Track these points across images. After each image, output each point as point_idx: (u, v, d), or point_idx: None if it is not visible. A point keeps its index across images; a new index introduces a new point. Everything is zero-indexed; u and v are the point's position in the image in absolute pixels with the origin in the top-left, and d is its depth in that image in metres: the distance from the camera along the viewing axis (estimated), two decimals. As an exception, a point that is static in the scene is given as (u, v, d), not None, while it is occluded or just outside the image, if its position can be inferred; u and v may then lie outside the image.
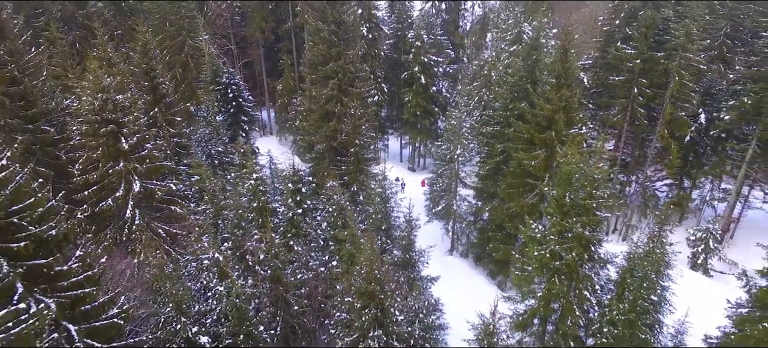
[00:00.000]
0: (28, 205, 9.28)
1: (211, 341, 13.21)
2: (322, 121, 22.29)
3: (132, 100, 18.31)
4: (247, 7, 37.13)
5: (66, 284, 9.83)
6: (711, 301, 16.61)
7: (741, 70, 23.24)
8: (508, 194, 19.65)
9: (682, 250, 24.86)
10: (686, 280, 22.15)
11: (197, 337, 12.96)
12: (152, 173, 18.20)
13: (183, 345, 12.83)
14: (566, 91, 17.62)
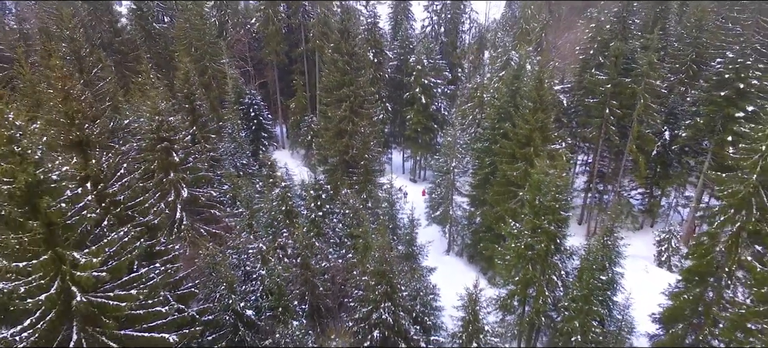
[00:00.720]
0: (139, 202, 13.01)
1: (255, 314, 16.85)
2: (336, 138, 26.12)
3: (180, 121, 22.14)
4: (263, 32, 41.25)
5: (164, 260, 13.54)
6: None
7: (696, 94, 27.06)
8: (495, 200, 23.35)
9: (651, 250, 28.64)
10: (652, 275, 25.92)
11: (244, 310, 16.60)
12: (196, 182, 21.95)
13: (233, 317, 16.46)
14: (541, 114, 21.40)
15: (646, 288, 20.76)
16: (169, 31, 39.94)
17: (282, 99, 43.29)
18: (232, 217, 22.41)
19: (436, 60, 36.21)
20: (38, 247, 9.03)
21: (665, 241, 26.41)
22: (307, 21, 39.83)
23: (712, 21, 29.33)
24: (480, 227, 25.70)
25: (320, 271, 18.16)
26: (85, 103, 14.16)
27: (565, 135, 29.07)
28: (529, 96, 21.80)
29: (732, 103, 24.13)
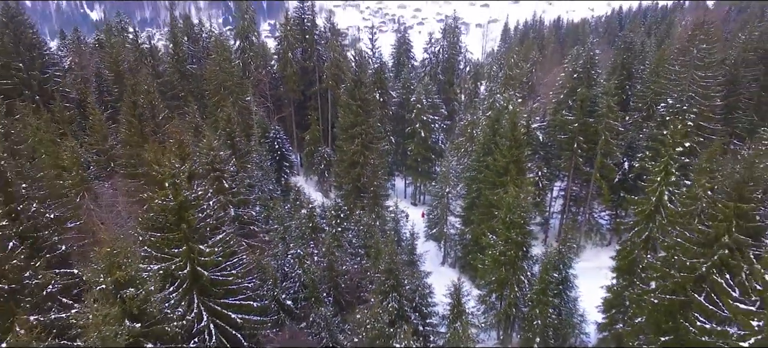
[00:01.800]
0: (206, 214, 18.77)
1: (293, 303, 22.39)
2: (350, 168, 32.01)
3: (228, 155, 28.04)
4: (282, 73, 47.62)
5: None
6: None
7: (647, 131, 33.01)
8: (480, 219, 29.03)
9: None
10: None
11: (285, 300, 22.17)
12: (240, 204, 27.71)
13: (276, 305, 21.99)
14: (516, 150, 27.27)
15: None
16: (200, 71, 46.38)
17: (297, 131, 49.40)
18: (266, 232, 28.10)
19: (434, 99, 42.36)
20: (179, 242, 14.75)
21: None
22: (320, 64, 46.26)
23: (664, 69, 35.51)
24: (469, 242, 31.32)
25: (342, 272, 23.77)
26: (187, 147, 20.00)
27: (542, 165, 34.97)
28: (506, 135, 27.75)
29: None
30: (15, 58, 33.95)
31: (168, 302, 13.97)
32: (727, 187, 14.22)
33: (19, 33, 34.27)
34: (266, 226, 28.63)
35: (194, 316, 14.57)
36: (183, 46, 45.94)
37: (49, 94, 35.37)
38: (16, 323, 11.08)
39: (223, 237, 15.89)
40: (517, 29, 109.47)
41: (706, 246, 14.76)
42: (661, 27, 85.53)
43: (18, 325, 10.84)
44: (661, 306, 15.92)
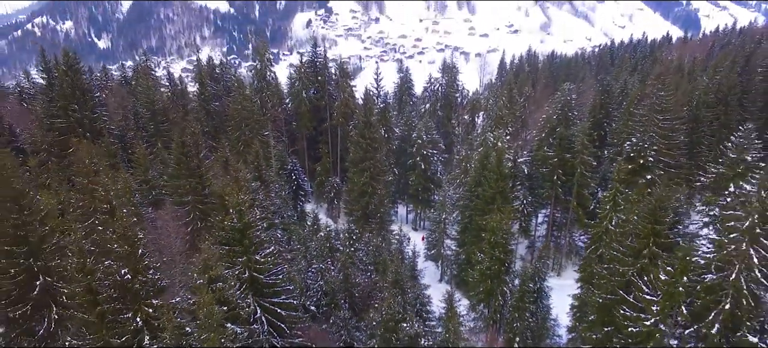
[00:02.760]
0: (260, 233, 24.20)
1: (316, 309, 27.56)
2: (360, 197, 37.54)
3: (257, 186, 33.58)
4: (296, 111, 53.59)
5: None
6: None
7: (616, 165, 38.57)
8: (472, 241, 34.38)
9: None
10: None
11: (309, 305, 27.38)
12: (268, 227, 33.11)
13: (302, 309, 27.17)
14: (501, 183, 32.85)
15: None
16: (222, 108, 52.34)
17: (309, 163, 55.06)
18: (288, 251, 33.43)
19: (433, 135, 48.14)
20: (242, 254, 20.13)
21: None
22: (331, 102, 52.27)
23: (630, 112, 41.35)
24: (463, 261, 36.57)
25: (355, 284, 29.01)
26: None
27: (528, 194, 40.51)
28: (493, 169, 33.37)
29: (635, 173, 35.59)
30: (72, 101, 39.80)
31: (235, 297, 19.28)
32: (646, 214, 19.69)
33: (75, 79, 40.23)
34: (288, 247, 33.96)
35: (251, 309, 19.88)
36: (208, 86, 52.03)
37: (97, 131, 41.13)
38: (144, 308, 16.43)
39: (272, 250, 21.31)
40: (513, 63, 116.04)
41: (633, 257, 20.11)
42: (647, 63, 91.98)
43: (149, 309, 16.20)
44: (604, 305, 21.17)
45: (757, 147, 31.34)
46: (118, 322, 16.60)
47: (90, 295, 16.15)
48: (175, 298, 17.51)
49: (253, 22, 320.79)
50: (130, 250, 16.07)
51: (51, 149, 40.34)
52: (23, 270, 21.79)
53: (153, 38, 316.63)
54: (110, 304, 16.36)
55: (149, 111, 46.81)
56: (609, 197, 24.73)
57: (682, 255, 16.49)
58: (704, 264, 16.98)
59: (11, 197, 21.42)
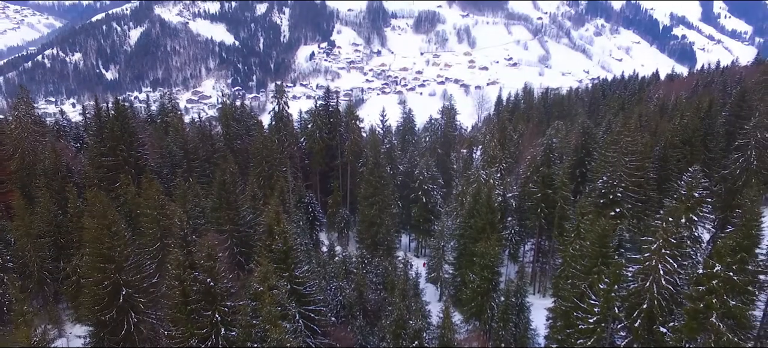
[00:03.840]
0: (298, 253, 30.67)
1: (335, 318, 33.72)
2: (370, 227, 44.04)
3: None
4: (310, 149, 60.55)
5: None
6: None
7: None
8: (466, 265, 40.70)
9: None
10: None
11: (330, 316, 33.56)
12: (292, 252, 39.48)
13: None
14: (490, 215, 39.39)
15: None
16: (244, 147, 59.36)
17: (321, 196, 61.71)
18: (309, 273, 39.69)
19: (433, 172, 54.94)
20: (284, 270, 26.55)
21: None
22: (342, 142, 59.27)
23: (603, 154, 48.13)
24: (459, 283, 42.79)
25: (368, 299, 35.28)
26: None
27: (516, 225, 46.99)
28: (483, 204, 39.98)
29: (607, 207, 42.16)
30: (120, 142, 46.72)
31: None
32: (595, 240, 26.18)
33: (124, 123, 47.25)
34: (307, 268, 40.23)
35: (293, 313, 26.21)
36: (232, 127, 59.20)
37: (141, 168, 47.93)
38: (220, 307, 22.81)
39: (307, 269, 27.77)
40: (509, 100, 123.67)
41: (585, 274, 26.49)
42: (634, 100, 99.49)
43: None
44: (566, 311, 27.44)
45: (703, 185, 37.96)
46: (200, 318, 22.96)
47: (183, 297, 22.57)
48: (240, 301, 23.89)
49: (257, 55, 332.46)
50: (213, 263, 22.58)
51: (101, 183, 47.11)
52: (111, 283, 28.19)
53: (159, 69, 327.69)
54: (196, 304, 22.75)
55: (182, 150, 53.75)
56: (574, 227, 31.18)
57: (614, 270, 22.88)
58: (631, 276, 23.29)
59: (104, 226, 28.02)
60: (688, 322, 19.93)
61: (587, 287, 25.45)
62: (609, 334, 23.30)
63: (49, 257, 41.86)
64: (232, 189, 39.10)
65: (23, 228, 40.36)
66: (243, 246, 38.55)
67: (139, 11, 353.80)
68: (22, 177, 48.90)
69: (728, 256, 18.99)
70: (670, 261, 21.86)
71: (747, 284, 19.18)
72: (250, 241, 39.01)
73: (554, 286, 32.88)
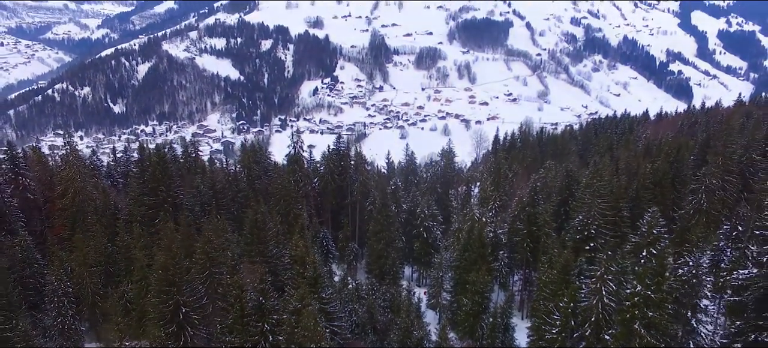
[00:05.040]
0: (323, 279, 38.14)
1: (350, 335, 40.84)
2: (378, 259, 51.52)
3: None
4: (323, 189, 68.45)
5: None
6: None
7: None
8: (461, 292, 47.96)
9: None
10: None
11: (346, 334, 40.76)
12: (312, 280, 46.84)
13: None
14: (481, 249, 46.93)
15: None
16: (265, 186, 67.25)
17: (332, 231, 69.25)
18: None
19: (433, 210, 62.66)
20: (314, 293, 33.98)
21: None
22: (351, 183, 67.21)
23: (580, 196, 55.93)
24: (455, 308, 49.94)
25: (377, 319, 42.50)
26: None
27: (505, 257, 54.43)
28: (476, 239, 47.57)
29: (583, 242, 49.72)
30: (161, 184, 54.62)
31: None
32: (560, 269, 33.64)
33: (164, 167, 55.26)
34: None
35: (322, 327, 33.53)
36: (254, 169, 67.33)
37: (177, 206, 55.68)
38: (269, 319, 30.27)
39: (331, 292, 35.22)
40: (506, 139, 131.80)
41: (553, 296, 33.86)
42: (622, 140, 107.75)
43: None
44: (538, 326, 34.68)
45: (661, 223, 45.58)
46: (252, 328, 30.34)
47: (241, 311, 30.02)
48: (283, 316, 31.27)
49: (261, 90, 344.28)
50: (264, 286, 30.14)
51: (143, 220, 54.79)
52: (173, 302, 35.56)
53: (166, 103, 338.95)
54: (250, 317, 30.19)
55: (210, 190, 61.62)
56: (547, 260, 38.64)
57: (571, 291, 30.27)
58: (584, 295, 30.68)
59: (169, 256, 35.62)
60: (622, 329, 27.29)
61: (553, 306, 32.87)
62: (569, 341, 30.63)
63: (100, 283, 49.27)
64: (262, 227, 46.78)
65: (81, 258, 47.90)
66: (271, 274, 45.92)
67: (147, 47, 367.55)
68: (73, 213, 56.70)
69: (647, 279, 26.55)
70: (611, 284, 29.33)
71: (662, 301, 26.67)
72: (276, 270, 46.43)
73: (532, 308, 40.11)
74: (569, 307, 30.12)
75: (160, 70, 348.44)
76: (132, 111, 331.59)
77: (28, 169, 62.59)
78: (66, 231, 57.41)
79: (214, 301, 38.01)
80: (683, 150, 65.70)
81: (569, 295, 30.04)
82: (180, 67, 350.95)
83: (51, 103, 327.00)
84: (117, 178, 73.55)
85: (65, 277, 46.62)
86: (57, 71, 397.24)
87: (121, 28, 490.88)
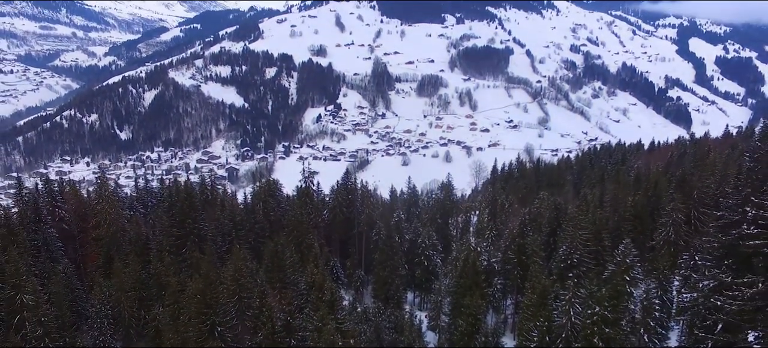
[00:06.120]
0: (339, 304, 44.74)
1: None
2: (383, 285, 58.07)
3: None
4: (332, 221, 75.29)
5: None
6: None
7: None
8: (457, 315, 54.33)
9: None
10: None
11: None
12: (325, 304, 53.35)
13: None
14: (475, 277, 53.50)
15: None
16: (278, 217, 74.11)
17: (340, 258, 75.84)
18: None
19: (433, 240, 69.35)
20: (330, 313, 40.58)
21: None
22: (358, 215, 74.09)
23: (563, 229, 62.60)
24: (453, 329, 56.20)
25: (383, 339, 48.85)
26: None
27: (498, 283, 60.89)
28: (470, 267, 54.20)
29: (567, 270, 56.22)
30: (188, 216, 61.61)
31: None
32: (538, 294, 40.22)
33: (191, 201, 62.32)
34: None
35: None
36: (269, 202, 74.35)
37: (202, 237, 62.52)
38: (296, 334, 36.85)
39: (345, 313, 41.80)
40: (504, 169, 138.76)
41: (533, 317, 40.37)
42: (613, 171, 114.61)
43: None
44: (521, 345, 41.10)
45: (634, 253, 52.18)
46: (281, 343, 36.91)
47: (272, 329, 36.59)
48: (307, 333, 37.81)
49: (265, 117, 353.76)
50: (291, 308, 36.82)
51: (170, 250, 61.61)
52: (210, 323, 42.13)
53: (171, 130, 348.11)
54: (279, 334, 36.79)
55: (231, 222, 68.54)
56: (530, 286, 45.27)
57: (545, 312, 36.79)
58: (557, 315, 37.23)
59: (207, 282, 42.35)
60: (585, 343, 33.83)
61: (533, 325, 39.43)
62: (545, 356, 37.07)
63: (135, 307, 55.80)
64: (282, 256, 53.58)
65: (119, 284, 54.58)
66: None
67: (153, 74, 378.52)
68: (107, 243, 63.53)
69: (605, 301, 33.23)
70: (578, 305, 35.96)
71: (617, 320, 33.27)
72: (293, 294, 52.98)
73: (518, 328, 46.52)
74: (544, 325, 36.67)
75: (166, 98, 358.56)
76: (138, 137, 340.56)
77: (64, 201, 69.98)
78: (101, 259, 64.33)
79: (243, 321, 44.59)
80: (661, 184, 72.55)
81: (545, 316, 36.60)
82: (186, 95, 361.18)
83: (59, 129, 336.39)
84: (138, 209, 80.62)
85: (105, 301, 53.42)
86: (65, 98, 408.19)
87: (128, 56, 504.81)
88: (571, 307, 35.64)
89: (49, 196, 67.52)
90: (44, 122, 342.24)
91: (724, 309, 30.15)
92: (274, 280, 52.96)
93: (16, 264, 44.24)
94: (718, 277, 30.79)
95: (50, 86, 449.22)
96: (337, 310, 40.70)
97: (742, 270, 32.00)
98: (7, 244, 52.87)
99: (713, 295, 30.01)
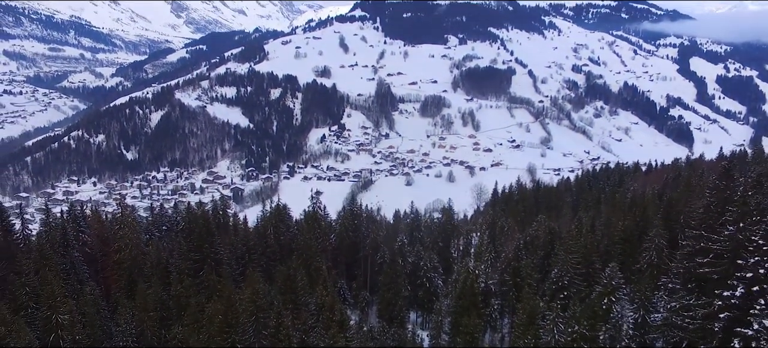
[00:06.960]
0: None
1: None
2: (388, 306, 62.78)
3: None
4: (339, 244, 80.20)
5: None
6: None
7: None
8: (457, 333, 58.89)
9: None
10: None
11: None
12: (334, 324, 58.03)
13: None
14: (473, 298, 58.18)
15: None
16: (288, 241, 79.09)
17: (346, 279, 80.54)
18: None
19: (435, 263, 74.10)
20: (340, 332, 45.33)
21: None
22: (364, 239, 79.01)
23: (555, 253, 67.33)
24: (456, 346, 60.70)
25: (388, 356, 53.47)
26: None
27: (495, 303, 65.46)
28: (468, 289, 58.92)
29: (558, 291, 60.83)
30: (205, 241, 66.67)
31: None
32: (527, 314, 44.92)
33: (208, 226, 67.45)
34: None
35: (346, 359, 44.72)
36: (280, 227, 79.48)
37: (219, 261, 67.49)
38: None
39: (353, 331, 46.55)
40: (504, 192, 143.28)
41: (522, 335, 45.02)
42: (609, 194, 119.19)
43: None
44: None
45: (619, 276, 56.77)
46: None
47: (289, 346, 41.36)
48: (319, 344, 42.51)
49: (270, 137, 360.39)
50: (306, 327, 41.65)
51: (189, 273, 66.54)
52: (230, 341, 46.90)
53: (177, 151, 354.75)
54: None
55: (244, 246, 73.61)
56: (521, 306, 50.03)
57: (533, 330, 41.50)
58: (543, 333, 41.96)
59: (228, 304, 47.19)
60: (567, 358, 38.48)
61: (522, 343, 44.10)
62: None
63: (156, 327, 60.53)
64: (294, 279, 58.49)
65: (142, 305, 59.44)
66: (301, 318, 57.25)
67: (160, 95, 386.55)
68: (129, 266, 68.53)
69: (583, 320, 37.96)
70: (561, 324, 40.69)
71: (594, 337, 37.98)
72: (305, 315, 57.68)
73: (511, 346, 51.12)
74: (532, 342, 41.37)
75: (172, 118, 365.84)
76: (144, 158, 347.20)
77: (88, 226, 75.40)
78: (123, 281, 69.45)
79: (260, 340, 49.37)
80: (649, 209, 77.26)
81: (533, 334, 41.32)
82: (192, 115, 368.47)
83: (66, 149, 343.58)
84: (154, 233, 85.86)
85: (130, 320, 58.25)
86: (72, 118, 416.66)
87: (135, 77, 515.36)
88: (555, 327, 40.36)
89: (73, 221, 72.89)
90: (52, 143, 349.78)
91: (686, 328, 34.97)
92: (287, 301, 57.74)
93: (51, 286, 49.32)
94: (681, 300, 35.58)
95: (58, 107, 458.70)
96: (345, 330, 45.41)
97: (705, 292, 36.88)
98: (39, 267, 58.17)
99: (676, 316, 34.77)
